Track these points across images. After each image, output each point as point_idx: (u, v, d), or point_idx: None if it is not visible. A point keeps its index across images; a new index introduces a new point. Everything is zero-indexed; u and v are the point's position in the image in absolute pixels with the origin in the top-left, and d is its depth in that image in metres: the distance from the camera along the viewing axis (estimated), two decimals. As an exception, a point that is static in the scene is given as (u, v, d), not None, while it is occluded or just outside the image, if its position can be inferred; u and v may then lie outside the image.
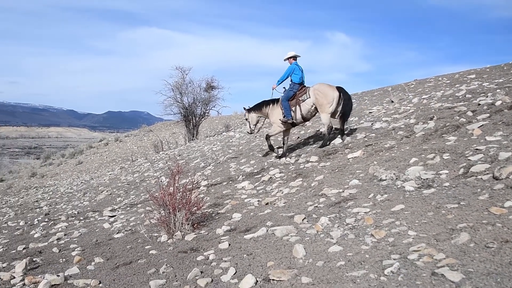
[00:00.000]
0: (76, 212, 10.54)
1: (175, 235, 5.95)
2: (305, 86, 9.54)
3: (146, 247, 5.85)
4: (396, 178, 5.68)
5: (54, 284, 4.97)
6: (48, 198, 15.68)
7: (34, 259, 6.31)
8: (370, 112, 11.93)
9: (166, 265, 4.82)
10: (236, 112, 37.34)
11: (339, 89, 9.18)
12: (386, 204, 4.95)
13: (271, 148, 9.98)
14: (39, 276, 5.35)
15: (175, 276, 4.52)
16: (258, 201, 6.89)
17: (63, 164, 33.22)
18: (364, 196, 5.51)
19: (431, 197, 4.72)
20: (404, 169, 5.94)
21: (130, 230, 7.20)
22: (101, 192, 13.00)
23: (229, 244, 5.07)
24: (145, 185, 11.91)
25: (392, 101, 12.60)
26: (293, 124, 9.90)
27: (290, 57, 9.62)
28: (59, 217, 10.32)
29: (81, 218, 9.56)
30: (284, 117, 9.50)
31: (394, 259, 3.57)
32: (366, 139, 8.85)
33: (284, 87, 9.71)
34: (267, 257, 4.40)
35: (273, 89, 9.87)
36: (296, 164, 8.74)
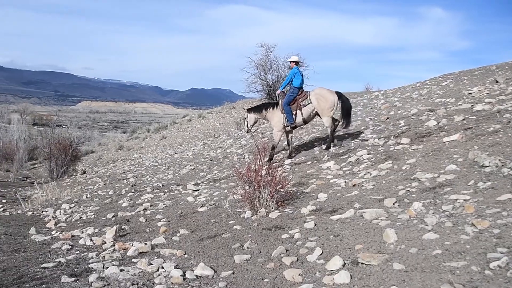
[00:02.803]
0: (160, 185, 11.06)
1: (259, 212, 6.03)
2: (303, 90, 10.04)
3: (230, 222, 6.00)
4: (502, 165, 5.27)
5: (142, 252, 5.27)
6: (134, 170, 16.62)
7: (123, 227, 6.75)
8: (469, 93, 11.16)
9: (251, 241, 4.91)
10: (320, 91, 36.82)
11: (338, 94, 9.73)
12: (489, 193, 4.62)
13: (270, 159, 10.04)
14: (128, 243, 5.71)
15: (260, 252, 4.59)
16: (345, 182, 6.76)
17: (148, 139, 34.96)
18: (463, 183, 5.18)
19: (546, 188, 4.33)
20: (512, 156, 5.50)
21: (213, 204, 7.41)
22: (185, 166, 13.51)
23: (315, 224, 5.03)
24: (228, 162, 12.18)
25: (497, 81, 11.66)
26: (294, 127, 10.26)
27: (293, 61, 10.34)
28: (145, 188, 10.90)
29: (166, 190, 10.02)
30: (287, 121, 9.95)
31: (501, 253, 3.32)
32: (465, 121, 8.31)
33: (283, 91, 10.38)
34: (355, 239, 4.31)
35: (278, 95, 10.61)
36: (385, 145, 8.44)
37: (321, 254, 4.17)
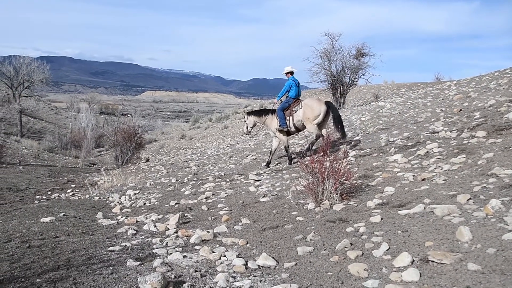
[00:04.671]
0: (222, 174, 11.23)
1: (323, 204, 5.96)
2: (299, 99, 10.66)
3: (292, 213, 5.99)
4: None
5: (204, 240, 5.39)
6: (196, 159, 16.99)
7: (185, 214, 6.94)
8: (555, 83, 10.41)
9: (314, 233, 4.87)
10: (386, 81, 35.84)
11: (327, 103, 10.17)
12: None
13: (290, 158, 10.79)
14: (191, 230, 5.85)
15: (323, 245, 4.53)
16: (413, 176, 6.52)
17: (210, 128, 35.67)
18: (549, 180, 4.84)
19: None
20: None
21: (276, 195, 7.42)
22: (246, 156, 13.63)
23: (381, 218, 4.90)
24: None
25: None
26: (288, 133, 10.93)
27: (287, 72, 10.86)
28: (207, 177, 11.10)
29: (227, 180, 10.16)
30: (280, 126, 10.61)
31: None
32: (550, 114, 7.76)
33: (281, 100, 11.00)
34: (425, 236, 4.14)
35: (274, 104, 11.44)
36: (458, 138, 8.05)
37: (387, 249, 4.05)
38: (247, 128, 11.66)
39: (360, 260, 3.99)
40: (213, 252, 4.72)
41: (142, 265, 4.39)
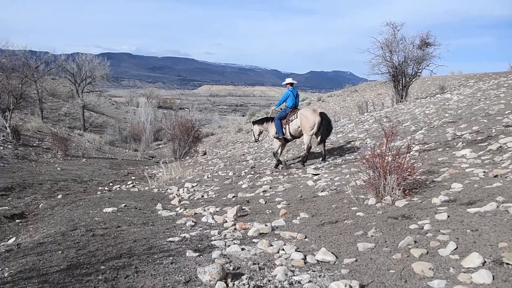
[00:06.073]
0: (280, 168, 11.22)
1: (384, 200, 5.81)
2: (296, 108, 11.36)
3: (352, 208, 5.88)
4: None
5: (262, 233, 5.43)
6: (253, 152, 17.08)
7: (243, 207, 7.01)
8: None
9: (375, 229, 4.76)
10: (453, 72, 34.46)
11: (321, 114, 10.69)
12: None
13: (279, 162, 11.47)
14: (248, 223, 5.91)
15: (385, 241, 4.42)
16: (484, 172, 6.20)
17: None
18: None
19: None
20: None
21: (334, 189, 7.32)
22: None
23: (448, 216, 4.70)
24: (349, 146, 11.99)
25: None
26: (286, 140, 11.70)
27: (288, 83, 11.76)
28: (264, 171, 11.16)
29: (285, 173, 10.15)
30: (276, 133, 11.38)
31: None
32: None
33: (281, 108, 11.77)
34: (498, 236, 3.93)
35: (273, 111, 12.34)
36: (534, 133, 7.59)
37: (455, 248, 3.88)
38: (254, 136, 12.48)
39: (425, 258, 3.86)
40: (271, 245, 4.73)
41: (201, 256, 4.48)
